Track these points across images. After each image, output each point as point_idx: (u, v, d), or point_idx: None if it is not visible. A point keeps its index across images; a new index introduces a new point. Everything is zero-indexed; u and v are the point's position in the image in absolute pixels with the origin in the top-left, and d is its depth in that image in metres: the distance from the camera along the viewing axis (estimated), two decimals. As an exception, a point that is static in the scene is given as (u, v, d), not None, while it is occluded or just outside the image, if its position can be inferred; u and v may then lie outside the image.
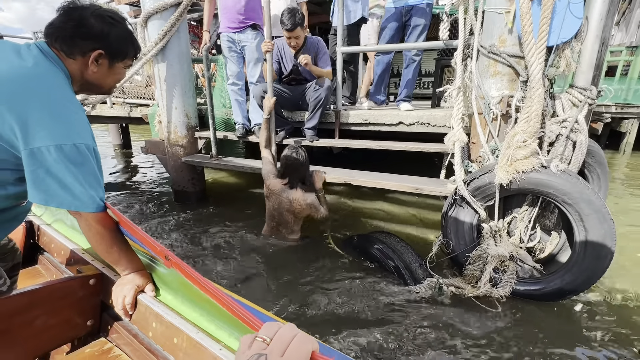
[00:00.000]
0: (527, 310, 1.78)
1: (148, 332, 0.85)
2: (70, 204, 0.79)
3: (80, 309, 0.94)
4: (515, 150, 1.70)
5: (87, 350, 0.90)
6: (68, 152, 0.76)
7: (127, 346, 0.89)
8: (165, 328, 0.80)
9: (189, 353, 0.73)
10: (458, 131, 2.01)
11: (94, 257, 1.07)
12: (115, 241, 0.90)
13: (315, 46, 2.73)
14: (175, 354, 0.77)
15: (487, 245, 1.86)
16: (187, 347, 0.74)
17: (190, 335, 0.73)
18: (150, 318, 0.84)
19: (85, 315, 0.96)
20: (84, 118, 0.84)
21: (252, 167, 2.92)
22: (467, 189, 1.88)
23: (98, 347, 0.91)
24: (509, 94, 1.87)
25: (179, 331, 0.76)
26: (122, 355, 0.89)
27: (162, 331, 0.81)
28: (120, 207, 3.36)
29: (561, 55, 1.77)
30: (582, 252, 1.64)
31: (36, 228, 1.31)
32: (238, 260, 2.28)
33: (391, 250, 2.19)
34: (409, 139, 2.67)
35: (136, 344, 0.87)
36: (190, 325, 0.77)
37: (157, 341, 0.82)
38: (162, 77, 3.10)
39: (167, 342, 0.79)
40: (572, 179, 1.61)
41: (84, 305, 0.94)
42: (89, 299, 0.96)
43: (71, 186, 0.78)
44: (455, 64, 2.12)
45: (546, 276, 1.81)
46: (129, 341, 0.89)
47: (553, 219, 2.02)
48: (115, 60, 0.93)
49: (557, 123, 1.82)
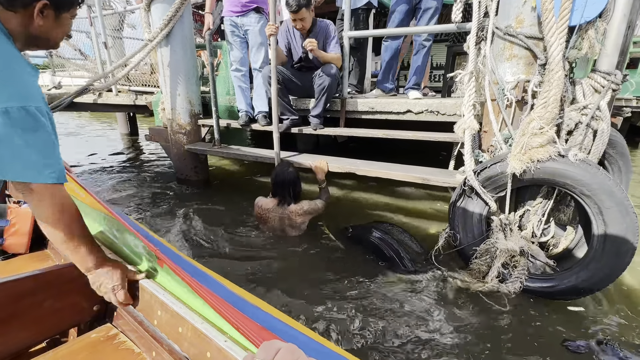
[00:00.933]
0: (536, 308, 1.68)
1: (153, 320, 0.85)
2: (21, 174, 0.71)
3: (86, 294, 0.93)
4: (530, 137, 1.59)
5: (93, 335, 0.91)
6: (16, 116, 0.68)
7: (132, 333, 0.89)
8: (170, 317, 0.79)
9: (194, 343, 0.73)
10: (469, 118, 1.90)
11: (102, 242, 1.05)
12: (76, 225, 0.82)
13: (325, 30, 2.63)
14: (180, 343, 0.77)
15: (496, 239, 1.76)
16: (191, 337, 0.73)
17: (195, 325, 0.72)
18: (155, 306, 0.84)
19: (92, 301, 0.96)
20: (34, 79, 0.76)
21: (255, 155, 2.86)
22: (477, 179, 1.77)
23: (104, 333, 0.92)
24: (526, 78, 1.75)
25: (184, 320, 0.75)
26: (127, 341, 0.89)
27: (167, 319, 0.80)
28: (123, 194, 3.34)
29: (584, 36, 1.64)
30: (601, 247, 1.53)
31: None
32: (234, 250, 2.23)
33: (389, 236, 2.12)
34: (417, 128, 2.56)
35: (141, 331, 0.87)
36: (195, 315, 0.75)
37: (162, 329, 0.82)
38: (165, 63, 3.05)
39: (172, 331, 0.79)
40: (592, 169, 1.49)
41: (91, 290, 0.93)
42: None
43: (23, 154, 0.70)
44: (468, 48, 2.00)
45: (560, 273, 1.70)
46: (134, 328, 0.89)
47: (569, 213, 1.90)
48: (61, 10, 0.85)
49: (577, 110, 1.69)
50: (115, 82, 3.82)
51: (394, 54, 3.01)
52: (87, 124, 9.38)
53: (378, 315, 1.61)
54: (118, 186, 3.62)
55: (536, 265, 1.81)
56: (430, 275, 1.84)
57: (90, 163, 4.75)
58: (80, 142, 6.43)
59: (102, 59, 4.34)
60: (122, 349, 0.86)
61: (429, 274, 1.86)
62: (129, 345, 0.87)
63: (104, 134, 7.43)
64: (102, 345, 0.87)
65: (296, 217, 2.31)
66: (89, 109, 4.99)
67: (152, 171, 4.37)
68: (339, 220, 2.65)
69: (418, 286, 1.80)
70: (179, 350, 0.77)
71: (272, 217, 2.36)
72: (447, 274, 1.85)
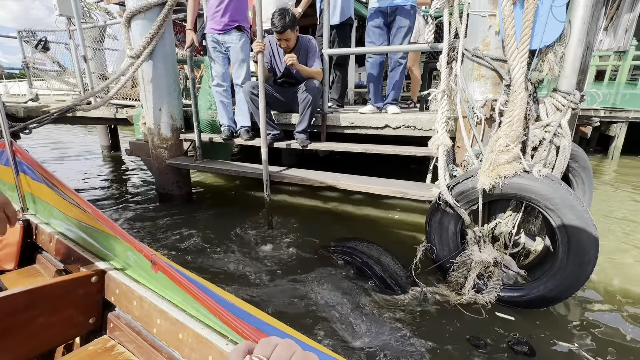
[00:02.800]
0: (516, 317, 1.75)
1: (152, 329, 0.84)
2: None
3: (82, 307, 0.95)
4: (497, 154, 1.67)
5: (90, 348, 0.90)
6: None
7: (130, 343, 0.89)
8: (170, 324, 0.79)
9: (195, 348, 0.73)
10: (442, 135, 1.99)
11: (95, 255, 1.06)
12: None
13: (306, 45, 2.71)
14: (181, 350, 0.77)
15: (471, 252, 1.83)
16: (192, 343, 0.74)
17: (196, 331, 0.73)
18: (154, 315, 0.84)
19: (88, 314, 0.96)
20: None
21: (238, 170, 2.87)
22: (451, 193, 1.85)
23: (101, 345, 0.91)
24: (493, 97, 1.85)
25: (184, 327, 0.76)
26: (126, 352, 0.88)
27: (167, 327, 0.80)
28: (106, 210, 3.28)
29: (544, 59, 1.76)
30: (565, 258, 1.62)
31: (34, 227, 1.29)
32: (219, 262, 2.22)
33: (372, 258, 2.16)
34: (397, 142, 2.65)
35: (140, 341, 0.86)
36: (195, 320, 0.76)
37: (162, 337, 0.82)
38: (146, 79, 3.04)
39: (172, 338, 0.79)
40: (554, 184, 1.59)
41: (86, 304, 0.95)
42: (90, 297, 0.96)
43: None
44: (441, 67, 2.10)
45: (530, 283, 1.78)
46: (133, 338, 0.88)
47: (537, 224, 2.00)
48: None
49: (541, 127, 1.80)
50: (97, 98, 3.76)
51: (380, 70, 3.08)
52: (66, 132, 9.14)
53: (356, 327, 1.64)
54: (101, 204, 3.55)
55: (509, 275, 1.89)
56: (411, 294, 1.89)
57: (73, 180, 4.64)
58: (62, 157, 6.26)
59: (82, 70, 4.28)
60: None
61: (409, 292, 1.90)
62: (127, 356, 0.87)
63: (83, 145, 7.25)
64: (99, 358, 0.86)
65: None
66: (68, 121, 4.89)
67: (132, 185, 4.30)
68: (324, 232, 2.68)
69: (399, 305, 1.83)
70: (179, 357, 0.77)
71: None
72: (426, 290, 1.90)
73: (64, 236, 1.18)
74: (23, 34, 5.14)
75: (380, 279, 2.01)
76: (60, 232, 1.22)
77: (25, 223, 1.28)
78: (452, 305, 1.81)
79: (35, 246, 1.29)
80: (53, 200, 1.20)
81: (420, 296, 1.87)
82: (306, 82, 2.66)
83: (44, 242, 1.24)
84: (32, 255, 1.29)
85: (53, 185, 1.13)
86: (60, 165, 5.51)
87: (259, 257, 2.32)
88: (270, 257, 2.33)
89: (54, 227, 1.26)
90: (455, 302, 1.82)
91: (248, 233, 2.68)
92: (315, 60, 2.71)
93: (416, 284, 1.95)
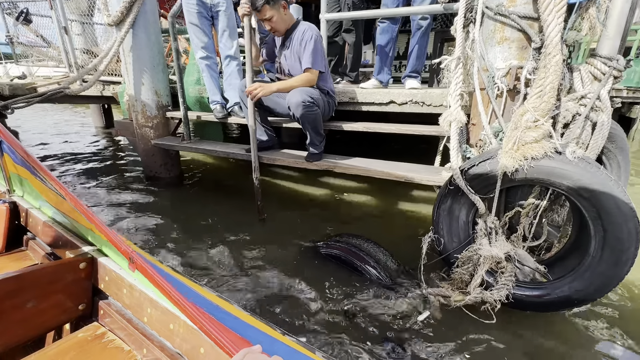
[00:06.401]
0: (530, 320, 1.53)
1: (143, 318, 0.84)
2: None
3: (70, 292, 0.95)
4: (523, 131, 1.40)
5: (80, 334, 0.90)
6: None
7: (121, 331, 0.88)
8: (160, 313, 0.79)
9: (186, 339, 0.73)
10: (456, 110, 1.71)
11: (84, 240, 1.04)
12: None
13: (301, 35, 2.07)
14: (172, 340, 0.77)
15: (479, 245, 1.59)
16: (184, 333, 0.74)
17: (187, 322, 0.72)
18: (144, 303, 0.83)
19: (77, 299, 0.97)
20: None
21: (226, 152, 2.62)
22: (464, 177, 1.59)
23: (91, 332, 0.91)
24: (518, 64, 1.56)
25: (175, 317, 0.75)
26: (116, 339, 0.88)
27: (158, 317, 0.80)
28: (89, 192, 3.08)
29: (584, 16, 1.45)
30: (598, 255, 1.37)
31: (21, 210, 1.28)
32: (200, 255, 2.02)
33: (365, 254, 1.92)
34: (405, 120, 2.36)
35: (130, 328, 0.86)
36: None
37: (153, 327, 0.82)
38: (126, 49, 2.76)
39: (163, 328, 0.79)
40: (592, 169, 1.32)
41: (75, 289, 0.95)
42: (79, 282, 0.96)
43: None
44: (455, 32, 1.79)
45: (552, 282, 1.54)
46: (123, 326, 0.88)
47: (563, 214, 1.75)
48: None
49: (575, 100, 1.51)
50: (81, 76, 3.49)
51: (391, 38, 2.66)
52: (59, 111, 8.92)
53: (349, 332, 1.44)
54: (86, 188, 3.35)
55: (524, 271, 1.65)
56: (410, 295, 1.67)
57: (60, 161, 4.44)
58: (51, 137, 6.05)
59: (67, 46, 3.99)
60: (111, 348, 0.85)
61: (408, 293, 1.68)
62: (118, 344, 0.86)
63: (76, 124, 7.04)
64: (89, 345, 0.86)
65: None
66: (55, 101, 4.64)
67: (120, 167, 4.09)
68: (318, 223, 2.45)
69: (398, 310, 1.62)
70: (170, 347, 0.77)
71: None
72: (427, 290, 1.68)
73: (53, 220, 1.15)
74: (5, 6, 4.81)
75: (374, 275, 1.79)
76: (50, 215, 1.19)
77: (12, 205, 1.26)
78: (454, 307, 1.58)
79: (23, 229, 1.28)
80: (36, 185, 1.17)
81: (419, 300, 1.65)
82: (288, 97, 2.04)
83: (32, 225, 1.23)
84: (20, 238, 1.27)
85: (35, 170, 1.09)
86: (51, 145, 5.31)
87: (243, 250, 2.11)
88: (256, 249, 2.11)
89: (42, 211, 1.23)
90: (455, 304, 1.59)
91: (236, 221, 2.46)
92: (308, 57, 2.04)
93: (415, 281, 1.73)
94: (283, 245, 2.14)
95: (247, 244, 2.16)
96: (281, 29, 2.11)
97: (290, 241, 2.19)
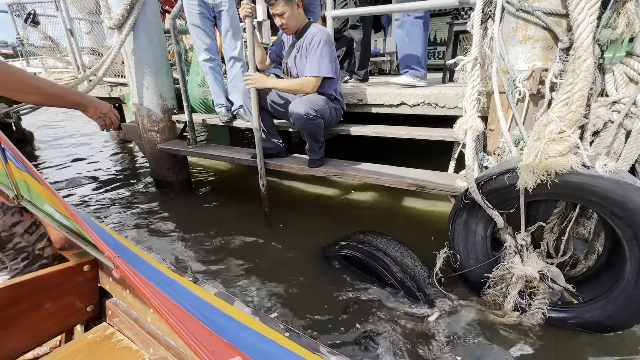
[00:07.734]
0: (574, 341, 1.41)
1: (147, 317, 0.85)
2: None
3: (78, 295, 0.97)
4: (547, 144, 1.27)
5: (89, 335, 0.91)
6: None
7: (129, 330, 0.90)
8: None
9: None
10: (472, 117, 1.58)
11: (88, 243, 1.04)
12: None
13: (310, 37, 1.97)
14: (176, 339, 0.78)
15: (512, 264, 1.47)
16: None
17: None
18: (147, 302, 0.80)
19: (85, 301, 0.99)
20: None
21: (231, 157, 2.56)
22: (481, 191, 1.48)
23: (100, 332, 0.92)
24: (543, 66, 1.41)
25: None
26: (125, 339, 0.89)
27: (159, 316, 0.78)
28: (97, 194, 3.09)
29: (620, 11, 1.29)
30: (634, 279, 1.24)
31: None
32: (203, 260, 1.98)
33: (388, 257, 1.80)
34: (418, 122, 2.21)
35: (137, 328, 0.87)
36: None
37: (156, 326, 0.83)
38: (128, 52, 2.70)
39: (166, 327, 0.79)
40: (626, 184, 1.19)
41: (82, 292, 0.97)
42: (86, 285, 0.98)
43: None
44: (472, 28, 1.65)
45: (582, 305, 1.42)
46: (130, 325, 0.89)
47: (590, 226, 1.61)
48: None
49: (607, 105, 1.36)
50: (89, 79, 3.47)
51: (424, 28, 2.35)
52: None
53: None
54: (93, 192, 3.37)
55: (553, 290, 1.53)
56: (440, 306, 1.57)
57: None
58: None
59: (73, 48, 3.98)
60: (120, 348, 0.87)
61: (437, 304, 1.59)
62: (126, 344, 0.88)
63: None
64: (99, 345, 0.88)
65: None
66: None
67: (129, 169, 4.10)
68: (330, 227, 2.38)
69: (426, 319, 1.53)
70: (175, 346, 0.77)
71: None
72: (457, 303, 1.58)
73: (59, 223, 1.16)
74: (14, 7, 4.83)
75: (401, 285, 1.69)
76: (55, 219, 1.20)
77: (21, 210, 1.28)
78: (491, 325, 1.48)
79: None
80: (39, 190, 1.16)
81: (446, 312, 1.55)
82: (290, 105, 1.97)
83: None
84: None
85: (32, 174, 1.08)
86: (61, 148, 5.39)
87: (249, 256, 2.06)
88: (264, 256, 2.06)
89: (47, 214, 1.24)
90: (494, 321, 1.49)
91: (245, 224, 2.42)
92: (312, 60, 1.94)
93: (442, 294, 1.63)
94: (291, 252, 2.09)
95: (256, 249, 2.12)
96: (292, 27, 2.01)
97: (301, 244, 2.15)
